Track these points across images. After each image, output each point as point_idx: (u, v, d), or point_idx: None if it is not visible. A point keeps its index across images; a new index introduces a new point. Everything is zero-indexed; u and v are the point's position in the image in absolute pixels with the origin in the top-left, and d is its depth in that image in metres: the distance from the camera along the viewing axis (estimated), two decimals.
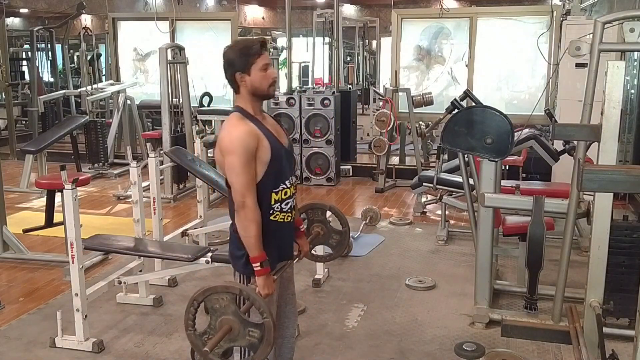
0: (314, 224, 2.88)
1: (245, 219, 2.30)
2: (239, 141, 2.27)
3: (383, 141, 7.10)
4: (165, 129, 6.73)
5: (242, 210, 2.30)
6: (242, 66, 2.34)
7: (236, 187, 2.30)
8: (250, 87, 2.36)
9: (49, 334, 3.52)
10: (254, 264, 2.33)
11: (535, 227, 3.48)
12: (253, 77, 2.35)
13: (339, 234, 2.92)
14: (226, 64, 2.38)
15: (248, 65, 2.34)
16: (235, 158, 2.27)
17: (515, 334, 3.55)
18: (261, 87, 2.37)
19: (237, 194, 2.30)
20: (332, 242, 2.93)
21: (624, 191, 4.27)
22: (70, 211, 3.30)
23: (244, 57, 2.34)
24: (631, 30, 3.14)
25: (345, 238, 2.93)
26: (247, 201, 2.29)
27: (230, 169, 2.30)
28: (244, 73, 2.35)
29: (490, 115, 3.51)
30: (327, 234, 2.90)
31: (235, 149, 2.27)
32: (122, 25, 9.35)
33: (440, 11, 7.84)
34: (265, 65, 2.36)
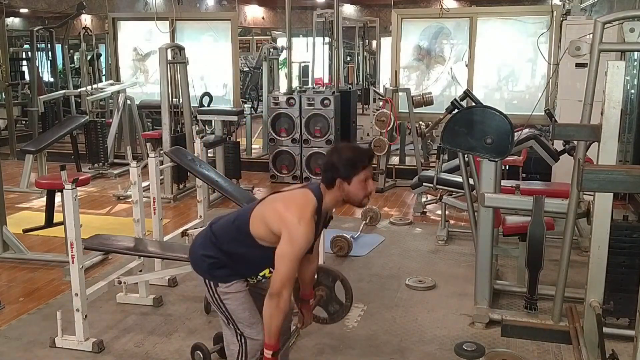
0: (320, 286, 2.91)
1: (276, 307, 2.33)
2: (304, 237, 2.30)
3: (383, 141, 7.10)
4: (165, 129, 6.73)
5: (277, 298, 2.32)
6: (345, 174, 2.38)
7: (280, 274, 2.32)
8: (346, 195, 2.41)
9: (49, 334, 3.52)
10: (267, 351, 2.39)
11: (535, 227, 3.48)
12: (352, 188, 2.39)
13: (340, 305, 2.96)
14: (329, 165, 2.41)
15: (351, 175, 2.38)
16: (293, 249, 2.30)
17: (515, 334, 3.55)
18: (356, 198, 2.42)
19: (279, 280, 2.32)
20: (330, 309, 2.96)
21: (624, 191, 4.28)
22: (70, 211, 3.30)
23: (350, 167, 2.38)
24: (631, 30, 3.14)
25: (344, 311, 2.97)
26: (285, 292, 2.32)
27: (283, 255, 2.32)
28: (344, 181, 2.38)
29: (490, 115, 3.51)
30: (328, 300, 2.94)
31: (297, 241, 2.30)
32: (122, 25, 9.34)
33: (440, 11, 7.84)
34: (367, 178, 2.41)
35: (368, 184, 2.43)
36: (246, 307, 2.51)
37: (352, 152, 2.42)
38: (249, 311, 2.52)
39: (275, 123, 7.60)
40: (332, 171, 2.39)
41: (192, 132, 6.50)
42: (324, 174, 2.43)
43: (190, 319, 3.82)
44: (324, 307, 2.94)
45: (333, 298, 2.92)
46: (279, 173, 7.69)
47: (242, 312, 2.51)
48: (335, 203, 2.46)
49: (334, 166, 2.39)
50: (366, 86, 13.15)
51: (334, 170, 2.39)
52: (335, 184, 2.39)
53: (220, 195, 5.87)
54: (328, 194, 2.42)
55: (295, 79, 12.05)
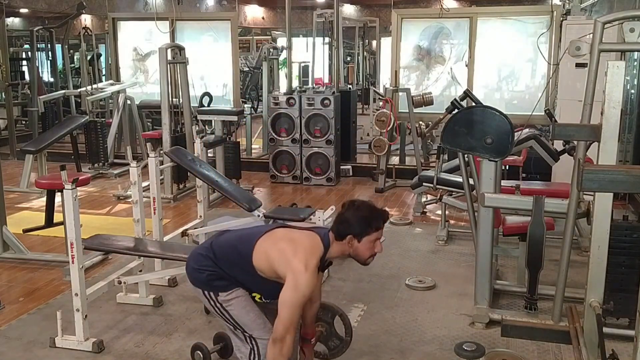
0: (320, 322, 2.92)
1: (279, 352, 2.34)
2: (308, 284, 2.32)
3: (383, 141, 7.10)
4: (165, 129, 6.73)
5: (280, 343, 2.33)
6: (357, 232, 2.41)
7: (283, 320, 2.33)
8: (353, 251, 2.44)
9: (49, 334, 3.52)
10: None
11: (535, 227, 3.48)
12: (361, 246, 2.43)
13: (340, 340, 2.96)
14: (343, 219, 2.43)
15: (363, 234, 2.41)
16: (297, 296, 2.31)
17: (515, 334, 3.55)
18: (363, 256, 2.46)
19: (281, 326, 2.33)
20: (330, 345, 2.97)
21: (624, 191, 4.28)
22: (70, 211, 3.30)
23: (364, 225, 2.41)
24: (631, 30, 3.14)
25: (344, 347, 2.98)
26: (288, 338, 2.33)
27: (287, 301, 2.33)
28: (355, 238, 2.41)
29: (490, 115, 3.51)
30: (328, 336, 2.95)
31: (301, 288, 2.31)
32: (122, 25, 9.35)
33: (440, 11, 7.85)
34: (377, 238, 2.44)
35: (376, 245, 2.46)
36: (249, 310, 2.51)
37: (368, 212, 2.44)
38: (253, 313, 2.52)
39: (275, 123, 7.60)
40: (344, 226, 2.42)
41: (192, 132, 6.50)
42: (336, 225, 2.46)
43: (190, 319, 3.82)
44: (324, 342, 2.96)
45: (333, 333, 2.94)
46: (279, 173, 7.69)
47: (246, 315, 2.51)
48: (340, 255, 2.49)
49: (347, 222, 2.42)
50: (366, 86, 13.16)
51: (347, 225, 2.41)
52: (345, 239, 2.42)
53: (220, 195, 5.87)
54: (336, 244, 2.45)
55: (295, 79, 12.04)
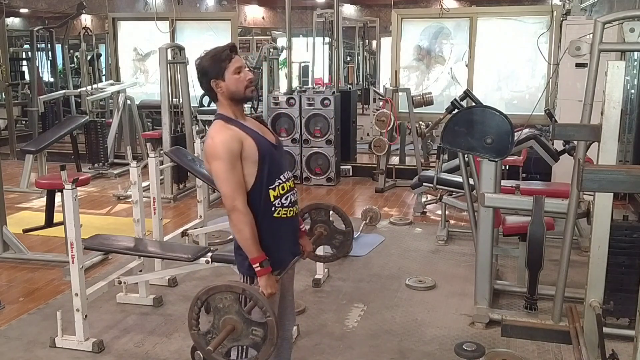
0: (317, 224, 2.89)
1: (238, 222, 2.31)
2: (222, 146, 2.28)
3: (383, 141, 7.10)
4: (165, 129, 6.73)
5: (234, 213, 2.30)
6: (215, 73, 2.35)
7: (225, 192, 2.31)
8: (227, 92, 2.37)
9: (49, 334, 3.52)
10: (254, 265, 2.33)
11: (535, 227, 3.48)
12: (228, 82, 2.35)
13: (342, 234, 2.93)
14: (200, 74, 2.39)
15: (221, 70, 2.35)
16: (220, 163, 2.28)
17: (515, 334, 3.55)
18: (237, 90, 2.37)
19: (226, 198, 2.31)
20: (335, 242, 2.94)
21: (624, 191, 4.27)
22: (70, 211, 3.30)
23: (216, 63, 2.35)
24: (631, 30, 3.14)
25: (348, 238, 2.93)
26: (237, 204, 2.29)
27: (217, 174, 2.31)
28: (218, 79, 2.35)
29: (490, 115, 3.51)
30: (330, 234, 2.91)
31: (219, 154, 2.28)
32: (122, 25, 9.35)
33: (440, 11, 7.84)
34: (238, 68, 2.36)
35: (243, 73, 2.38)
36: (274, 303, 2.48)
37: (212, 51, 2.40)
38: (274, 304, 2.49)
39: (275, 123, 7.60)
40: (204, 79, 2.37)
41: (192, 132, 6.50)
42: (202, 88, 2.42)
43: None
44: (329, 242, 2.93)
45: (333, 230, 2.90)
46: None
47: None
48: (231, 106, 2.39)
49: (202, 72, 2.37)
50: (366, 86, 13.15)
51: (204, 75, 2.37)
52: (215, 90, 2.37)
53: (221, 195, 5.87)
54: (220, 106, 2.40)
55: (295, 79, 12.04)
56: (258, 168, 2.35)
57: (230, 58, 2.36)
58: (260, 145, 2.35)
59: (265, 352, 2.16)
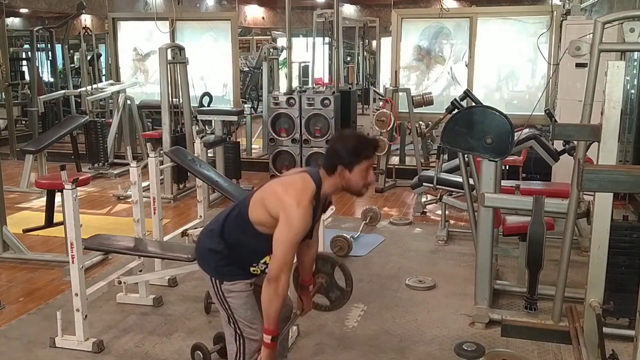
0: (320, 274, 2.90)
1: (274, 292, 2.32)
2: (301, 221, 2.29)
3: (383, 141, 7.09)
4: (165, 129, 6.73)
5: (275, 282, 2.31)
6: (347, 161, 2.36)
7: (278, 259, 2.31)
8: (346, 183, 2.40)
9: (49, 334, 3.52)
10: (266, 336, 2.39)
11: (535, 227, 3.48)
12: (353, 176, 2.38)
13: (341, 291, 2.94)
14: (332, 151, 2.40)
15: (354, 163, 2.36)
16: (290, 233, 2.29)
17: (515, 334, 3.55)
18: (357, 187, 2.42)
19: (276, 265, 2.31)
20: (331, 296, 2.95)
21: (624, 191, 4.27)
22: (70, 211, 3.30)
23: (354, 154, 2.36)
24: (631, 30, 3.14)
25: (345, 297, 2.95)
26: (283, 277, 2.30)
27: (280, 238, 2.30)
28: (346, 168, 2.37)
29: (490, 115, 3.51)
30: (329, 287, 2.92)
31: (294, 223, 2.28)
32: (122, 25, 9.34)
33: (440, 11, 7.84)
34: (368, 167, 2.40)
35: (369, 174, 2.41)
36: (248, 307, 2.51)
37: (357, 140, 2.39)
38: (251, 311, 2.52)
39: (275, 123, 7.60)
40: (334, 157, 2.37)
41: (192, 132, 6.50)
42: (326, 159, 2.42)
43: (190, 319, 3.82)
44: (325, 294, 2.93)
45: (333, 285, 2.90)
46: (279, 173, 7.68)
47: (244, 310, 2.51)
48: (334, 190, 2.44)
49: (337, 153, 2.37)
50: (366, 86, 13.15)
51: (337, 156, 2.37)
52: (337, 171, 2.38)
53: (220, 195, 5.87)
54: (328, 180, 2.41)
55: (295, 79, 12.03)
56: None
57: (369, 157, 2.39)
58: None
59: None
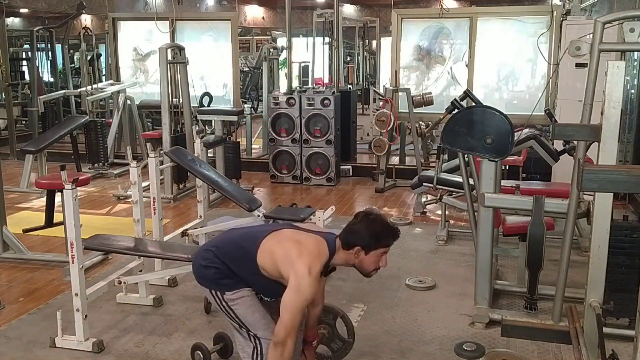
0: (322, 324, 2.91)
1: (281, 356, 2.34)
2: (311, 289, 2.32)
3: (383, 141, 7.10)
4: (165, 129, 6.73)
5: (282, 347, 2.33)
6: (366, 244, 2.41)
7: (285, 323, 2.32)
8: (358, 263, 2.44)
9: (49, 334, 3.52)
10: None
11: (535, 227, 3.48)
12: (367, 259, 2.43)
13: (343, 342, 2.96)
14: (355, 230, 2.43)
15: (372, 248, 2.41)
16: (299, 299, 2.32)
17: (515, 334, 3.55)
18: (367, 269, 2.46)
19: (283, 329, 2.33)
20: (333, 347, 2.97)
21: (624, 191, 4.27)
22: (70, 211, 3.30)
23: (374, 241, 2.41)
24: (631, 30, 3.14)
25: (347, 348, 2.98)
26: (289, 341, 2.32)
27: (289, 304, 2.33)
28: (362, 250, 2.41)
29: (490, 115, 3.51)
30: (330, 338, 2.95)
31: (303, 292, 2.31)
32: (122, 25, 9.34)
33: (440, 11, 7.84)
34: (383, 253, 2.44)
35: (382, 259, 2.46)
36: (255, 310, 2.51)
37: (381, 227, 2.45)
38: (259, 313, 2.52)
39: (275, 123, 7.60)
40: (355, 236, 2.42)
41: (192, 132, 6.49)
42: (346, 235, 2.45)
43: (190, 319, 3.82)
44: (327, 345, 2.96)
45: (335, 335, 2.94)
46: (279, 173, 7.69)
47: (251, 315, 2.51)
48: (344, 264, 2.48)
49: (358, 233, 2.42)
50: (366, 86, 13.15)
51: (358, 237, 2.41)
52: (353, 249, 2.42)
53: (220, 195, 5.87)
54: (342, 252, 2.44)
55: (295, 79, 12.02)
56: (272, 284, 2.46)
57: (388, 245, 2.44)
58: None
59: None
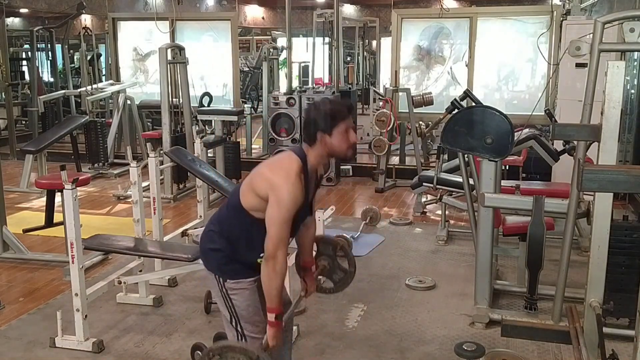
0: (322, 257, 2.90)
1: (273, 270, 2.32)
2: (290, 196, 2.29)
3: (383, 141, 7.10)
4: (165, 129, 6.73)
5: (272, 260, 2.31)
6: (325, 126, 2.38)
7: (272, 237, 2.31)
8: (329, 149, 2.40)
9: (49, 334, 3.52)
10: (270, 314, 2.38)
11: (535, 227, 3.48)
12: (334, 139, 2.38)
13: (344, 272, 2.94)
14: (309, 121, 2.42)
15: (331, 127, 2.38)
16: (281, 210, 2.29)
17: (515, 334, 3.55)
18: (340, 149, 2.41)
19: (271, 244, 2.32)
20: (335, 278, 2.95)
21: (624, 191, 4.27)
22: (70, 211, 3.30)
23: (329, 118, 2.38)
24: (631, 30, 3.14)
25: (349, 278, 2.95)
26: (279, 254, 2.31)
27: (272, 217, 2.31)
28: (325, 133, 2.38)
29: (490, 115, 3.51)
30: (332, 269, 2.93)
31: (283, 201, 2.29)
32: (122, 25, 9.34)
33: (440, 11, 7.85)
34: (347, 129, 2.40)
35: (350, 135, 2.41)
36: (250, 304, 2.51)
37: (330, 104, 2.42)
38: (253, 308, 2.51)
39: (275, 123, 7.60)
40: (312, 126, 2.40)
41: (192, 132, 6.50)
42: (305, 131, 2.44)
43: (190, 319, 3.82)
44: (329, 276, 2.94)
45: (336, 266, 2.91)
46: None
47: (246, 308, 2.51)
48: (320, 159, 2.43)
49: (313, 121, 2.39)
50: (366, 86, 13.14)
51: (314, 124, 2.39)
52: (317, 139, 2.39)
53: (220, 195, 5.87)
54: (311, 151, 2.42)
55: (295, 79, 12.02)
56: None
57: (345, 118, 2.40)
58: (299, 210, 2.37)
59: None
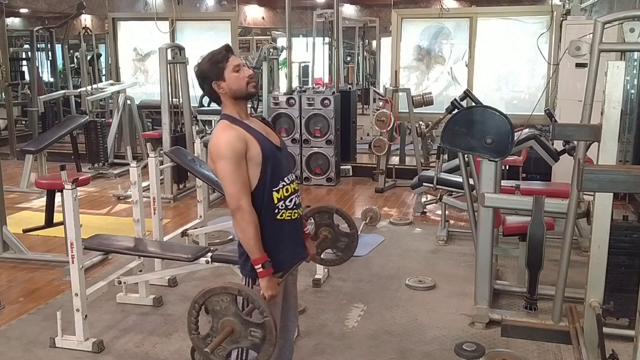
0: (322, 228, 2.87)
1: (242, 221, 2.31)
2: (227, 145, 2.29)
3: (383, 141, 7.10)
4: (165, 129, 6.73)
5: (238, 212, 2.31)
6: (215, 74, 2.37)
7: (230, 191, 2.31)
8: (229, 92, 2.38)
9: (49, 334, 3.52)
10: (256, 266, 2.34)
11: (535, 227, 3.48)
12: (229, 81, 2.37)
13: (347, 236, 2.90)
14: (200, 79, 2.42)
15: (220, 71, 2.37)
16: (225, 163, 2.29)
17: (515, 334, 3.55)
18: (239, 87, 2.38)
19: (231, 198, 2.31)
20: (340, 245, 2.92)
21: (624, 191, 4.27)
22: (70, 211, 3.30)
23: (214, 65, 2.37)
24: (631, 30, 3.14)
25: (353, 240, 2.91)
26: (242, 203, 2.30)
27: (222, 174, 2.31)
28: (219, 80, 2.37)
29: (490, 115, 3.51)
30: (335, 237, 2.89)
31: (224, 154, 2.28)
32: (122, 25, 9.35)
33: (440, 11, 7.85)
34: (236, 66, 2.38)
35: (242, 70, 2.39)
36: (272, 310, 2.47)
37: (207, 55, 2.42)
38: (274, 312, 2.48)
39: (275, 123, 7.59)
40: (204, 82, 2.40)
41: (192, 132, 6.51)
42: (205, 93, 2.45)
43: None
44: (333, 245, 2.91)
45: (338, 233, 2.89)
46: None
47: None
48: (235, 106, 2.40)
49: (202, 77, 2.39)
50: (366, 86, 13.16)
51: (204, 79, 2.39)
52: (217, 91, 2.39)
53: (220, 195, 5.87)
54: (225, 105, 2.41)
55: (295, 79, 12.03)
56: (261, 170, 2.35)
57: (227, 58, 2.38)
58: (264, 147, 2.35)
59: (265, 352, 2.15)
